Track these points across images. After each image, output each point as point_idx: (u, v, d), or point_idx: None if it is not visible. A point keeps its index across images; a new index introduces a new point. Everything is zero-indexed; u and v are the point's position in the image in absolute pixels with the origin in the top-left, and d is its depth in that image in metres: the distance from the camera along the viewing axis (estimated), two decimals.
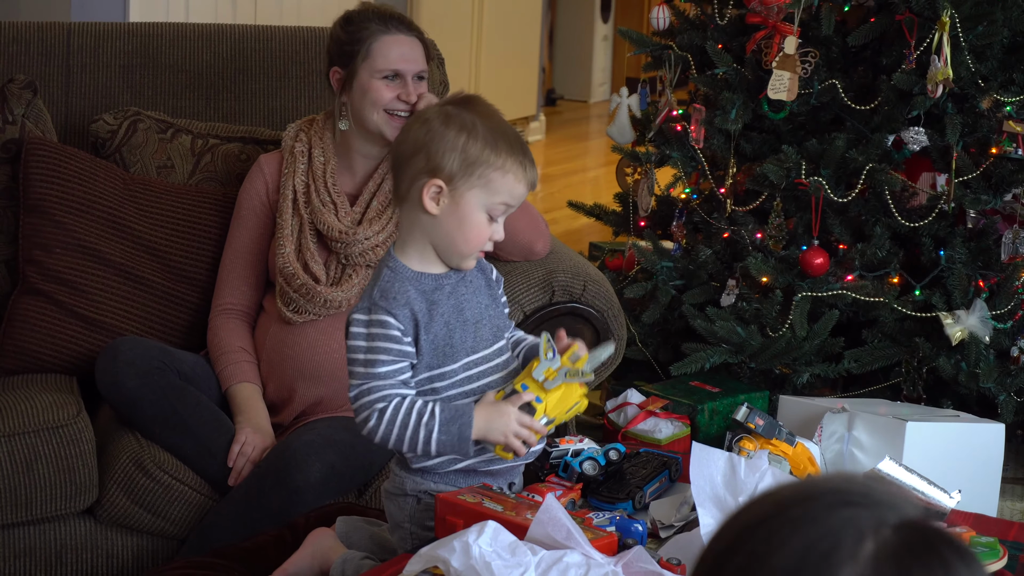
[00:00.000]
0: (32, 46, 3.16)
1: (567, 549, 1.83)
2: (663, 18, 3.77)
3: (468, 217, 2.00)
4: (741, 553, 0.90)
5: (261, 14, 5.62)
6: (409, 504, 2.08)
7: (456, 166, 1.98)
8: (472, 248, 2.03)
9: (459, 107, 2.03)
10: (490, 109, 2.06)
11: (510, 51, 7.74)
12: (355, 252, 2.73)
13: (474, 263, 2.07)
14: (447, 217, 2.00)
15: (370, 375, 1.99)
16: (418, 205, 2.00)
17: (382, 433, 1.99)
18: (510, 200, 2.02)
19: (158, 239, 2.94)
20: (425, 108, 2.09)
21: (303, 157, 2.82)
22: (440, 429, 1.98)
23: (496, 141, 1.99)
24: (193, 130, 3.10)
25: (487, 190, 2.00)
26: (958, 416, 2.86)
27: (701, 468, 1.95)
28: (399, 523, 2.11)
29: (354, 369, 2.00)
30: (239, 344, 2.79)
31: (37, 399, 2.63)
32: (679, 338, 3.58)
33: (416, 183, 2.00)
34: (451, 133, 1.99)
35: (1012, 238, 3.29)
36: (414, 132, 2.02)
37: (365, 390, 1.99)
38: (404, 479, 2.08)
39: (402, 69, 2.73)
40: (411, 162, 2.01)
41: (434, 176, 1.99)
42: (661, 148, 3.75)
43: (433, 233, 2.02)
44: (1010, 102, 3.29)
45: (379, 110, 2.73)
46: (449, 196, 1.99)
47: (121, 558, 2.64)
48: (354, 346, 2.00)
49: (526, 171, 2.02)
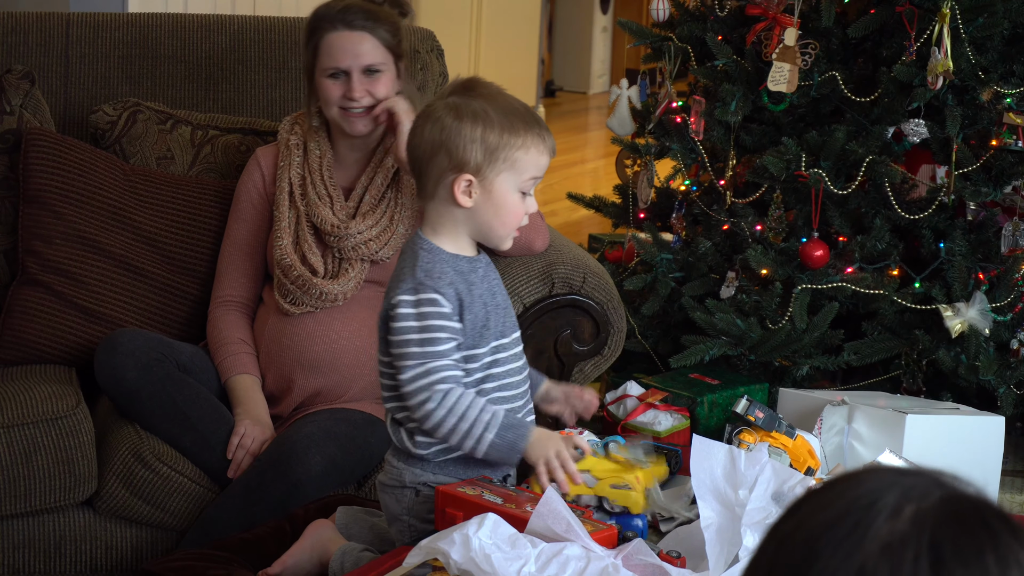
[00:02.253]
0: (31, 36, 3.15)
1: (567, 542, 1.83)
2: (663, 9, 3.76)
3: (503, 201, 2.03)
4: (791, 520, 0.91)
5: (260, 4, 5.61)
6: (407, 496, 2.08)
7: (480, 157, 2.01)
8: (511, 229, 2.07)
9: (464, 96, 2.05)
10: (493, 89, 2.08)
11: (509, 42, 7.74)
12: (348, 246, 2.73)
13: (511, 243, 2.09)
14: (482, 207, 2.03)
15: (428, 355, 1.98)
16: (449, 201, 2.03)
17: (438, 418, 1.98)
18: (537, 173, 2.06)
19: (158, 230, 2.94)
20: (432, 104, 2.08)
21: (298, 150, 2.82)
22: (497, 433, 1.98)
23: (511, 121, 2.02)
24: (193, 121, 3.10)
25: (514, 170, 2.03)
26: (958, 409, 2.86)
27: (701, 461, 1.95)
28: (397, 516, 2.10)
29: (408, 351, 1.99)
30: (238, 336, 2.79)
31: (36, 390, 2.63)
32: (679, 330, 3.58)
33: (443, 181, 2.03)
34: (466, 126, 2.01)
35: (1012, 230, 3.29)
36: (428, 132, 2.03)
37: (423, 371, 1.98)
38: (403, 471, 2.08)
39: (344, 65, 2.72)
40: (432, 162, 2.03)
41: (461, 171, 2.01)
42: (661, 140, 3.74)
43: (469, 223, 2.05)
44: (1010, 94, 3.29)
45: (333, 108, 2.74)
46: (480, 187, 2.02)
47: (120, 550, 2.64)
48: (405, 327, 1.99)
49: (545, 141, 2.05)
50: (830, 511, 0.88)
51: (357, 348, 2.72)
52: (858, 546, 0.86)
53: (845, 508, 0.88)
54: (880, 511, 0.87)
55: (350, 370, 2.72)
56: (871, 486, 0.89)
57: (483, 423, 1.98)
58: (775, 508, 1.92)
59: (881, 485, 0.89)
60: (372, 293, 2.76)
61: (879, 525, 0.86)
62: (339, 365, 2.72)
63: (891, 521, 0.86)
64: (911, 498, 0.87)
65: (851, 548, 0.86)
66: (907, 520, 0.86)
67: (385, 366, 2.07)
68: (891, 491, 0.88)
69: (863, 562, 0.85)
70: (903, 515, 0.86)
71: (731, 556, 1.87)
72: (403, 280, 2.02)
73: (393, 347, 2.02)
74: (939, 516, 0.86)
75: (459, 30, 7.31)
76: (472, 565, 1.76)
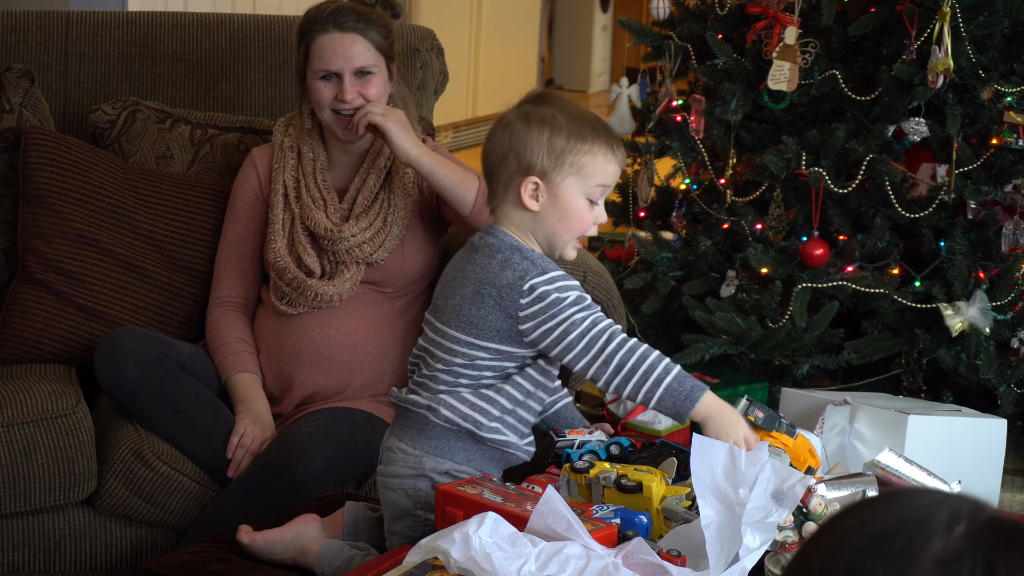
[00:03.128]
0: (30, 35, 3.15)
1: (567, 541, 1.83)
2: (663, 8, 3.76)
3: (569, 206, 2.07)
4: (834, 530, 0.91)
5: (260, 3, 5.61)
6: (423, 488, 2.10)
7: (546, 160, 2.05)
8: (576, 234, 2.11)
9: (536, 104, 2.09)
10: (565, 99, 2.12)
11: (509, 41, 7.73)
12: (342, 249, 2.73)
13: (575, 253, 2.13)
14: (548, 210, 2.07)
15: (588, 307, 2.03)
16: (517, 205, 2.08)
17: (618, 362, 2.00)
18: (605, 180, 2.09)
19: (157, 229, 2.94)
20: (504, 112, 2.12)
21: (292, 152, 2.81)
22: (674, 378, 2.01)
23: (579, 127, 2.06)
24: (192, 120, 3.10)
25: (581, 176, 2.06)
26: (960, 411, 2.86)
27: (702, 460, 1.95)
28: (407, 511, 2.11)
29: (568, 312, 2.01)
30: (238, 335, 2.79)
31: (36, 389, 2.63)
32: (679, 329, 3.58)
33: (512, 185, 2.07)
34: (534, 130, 2.05)
35: (1012, 229, 3.29)
36: (498, 138, 2.08)
37: (591, 323, 2.01)
38: (421, 458, 2.10)
39: (335, 68, 2.72)
40: (502, 167, 2.08)
41: (528, 175, 2.06)
42: (661, 138, 3.74)
43: (537, 229, 2.09)
44: (1011, 92, 3.29)
45: (325, 110, 2.74)
46: (546, 191, 2.06)
47: (120, 548, 2.64)
48: (555, 299, 2.02)
49: (614, 150, 2.09)
50: (880, 526, 0.89)
51: (355, 344, 2.72)
52: (912, 562, 0.86)
53: (897, 524, 0.89)
54: (934, 529, 0.87)
55: (349, 366, 2.72)
56: (921, 502, 0.90)
57: (664, 364, 2.01)
58: (775, 507, 1.92)
59: (930, 503, 0.89)
60: (369, 292, 2.76)
61: (934, 542, 0.87)
62: (338, 361, 2.72)
63: (945, 538, 0.87)
64: (960, 517, 0.88)
65: (904, 564, 0.86)
66: (960, 538, 0.87)
67: (464, 357, 2.08)
68: (941, 509, 0.89)
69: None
70: (955, 533, 0.87)
71: (731, 555, 1.87)
72: (519, 267, 2.04)
73: (543, 324, 2.02)
74: (991, 535, 0.87)
75: (459, 28, 7.30)
76: (472, 564, 1.76)
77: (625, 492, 2.03)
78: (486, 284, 2.06)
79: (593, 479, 2.08)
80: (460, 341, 2.08)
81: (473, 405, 2.08)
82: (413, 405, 2.12)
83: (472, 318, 2.06)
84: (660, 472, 2.09)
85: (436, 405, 2.10)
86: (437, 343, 2.11)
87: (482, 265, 2.07)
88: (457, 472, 2.10)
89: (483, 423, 2.08)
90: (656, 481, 2.04)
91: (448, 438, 2.10)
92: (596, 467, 2.10)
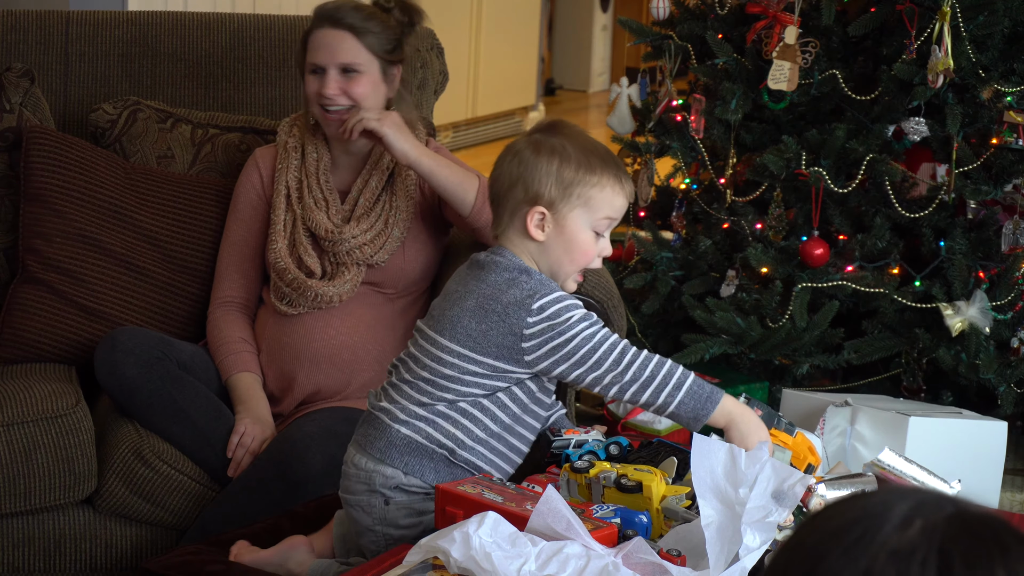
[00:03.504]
0: (30, 34, 3.15)
1: (567, 540, 1.83)
2: (663, 7, 3.76)
3: (575, 238, 2.07)
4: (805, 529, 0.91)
5: (260, 3, 5.60)
6: (376, 504, 2.07)
7: (554, 191, 2.04)
8: (580, 266, 2.10)
9: (546, 133, 2.09)
10: (576, 130, 2.12)
11: (509, 40, 7.73)
12: (342, 250, 2.73)
13: (575, 286, 2.13)
14: (554, 241, 2.06)
15: (596, 323, 2.02)
16: (523, 234, 2.07)
17: (635, 371, 2.00)
18: (612, 213, 2.09)
19: (158, 229, 2.94)
20: (515, 140, 2.12)
21: (296, 152, 2.82)
22: (692, 382, 2.01)
23: (588, 159, 2.05)
24: (193, 119, 3.10)
25: (588, 208, 2.06)
26: (960, 413, 2.86)
27: (702, 459, 1.95)
28: (368, 527, 2.09)
29: (578, 327, 2.00)
30: (239, 335, 2.79)
31: (36, 388, 2.63)
32: (679, 329, 3.58)
33: (518, 213, 2.07)
34: (543, 160, 2.05)
35: (1012, 229, 3.29)
36: (507, 166, 2.08)
37: (602, 337, 2.01)
38: (371, 474, 2.07)
39: (320, 62, 2.73)
40: (509, 195, 2.07)
41: (535, 204, 2.05)
42: (661, 138, 3.74)
43: (541, 258, 2.08)
44: (1011, 92, 3.29)
45: (313, 104, 2.75)
46: (553, 221, 2.06)
47: (120, 548, 2.64)
48: (566, 318, 2.01)
49: (622, 183, 2.09)
50: (842, 519, 0.89)
51: (355, 344, 2.72)
52: (865, 551, 0.86)
53: (856, 516, 0.88)
54: (889, 519, 0.87)
55: (349, 365, 2.72)
56: (884, 498, 0.89)
57: (680, 372, 2.02)
58: (776, 507, 1.92)
59: (894, 498, 0.89)
60: (370, 292, 2.76)
61: (888, 532, 0.86)
62: (338, 360, 2.72)
63: (901, 530, 0.86)
64: (923, 511, 0.88)
65: (858, 553, 0.86)
66: (917, 530, 0.86)
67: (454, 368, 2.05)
68: (903, 503, 0.88)
69: (869, 566, 0.85)
70: (914, 525, 0.87)
71: (731, 554, 1.87)
72: (527, 287, 2.03)
73: (551, 341, 2.00)
74: (950, 527, 0.86)
75: (459, 28, 7.30)
76: (472, 563, 1.76)
77: (625, 492, 2.03)
78: (491, 299, 2.04)
79: (593, 479, 2.08)
80: (453, 352, 2.05)
81: (455, 422, 2.06)
82: (384, 414, 2.10)
83: (471, 331, 2.04)
84: (660, 472, 2.08)
85: (409, 419, 2.07)
86: (427, 351, 2.09)
87: (488, 281, 2.06)
88: (407, 488, 2.07)
89: (463, 442, 2.06)
90: (656, 481, 2.04)
91: (420, 456, 2.07)
92: (596, 467, 2.10)
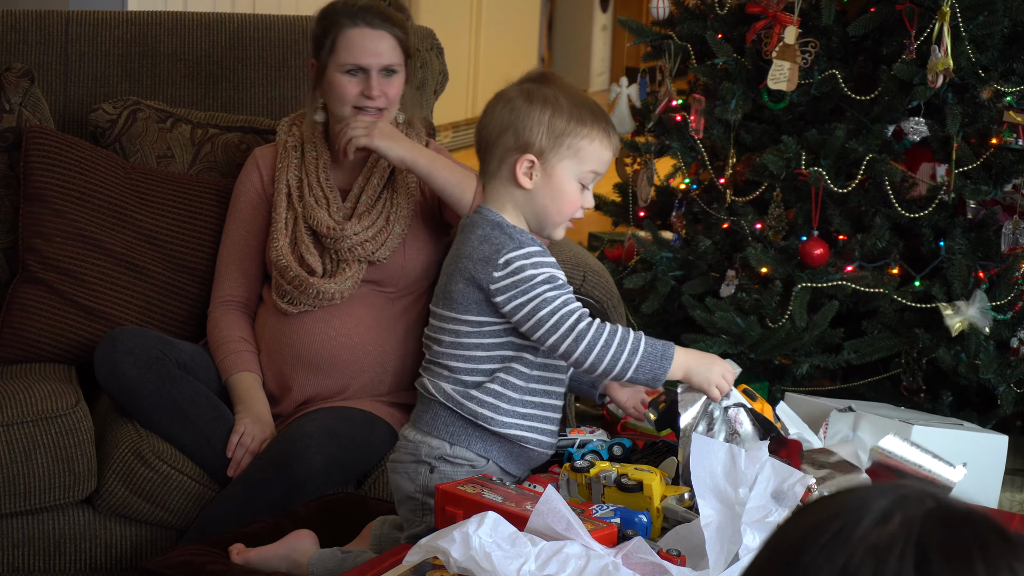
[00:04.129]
0: (30, 34, 3.15)
1: (567, 540, 1.83)
2: (663, 7, 3.76)
3: (561, 187, 2.08)
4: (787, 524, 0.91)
5: (260, 3, 5.60)
6: (422, 473, 2.11)
7: (545, 140, 2.06)
8: (565, 217, 2.11)
9: (538, 83, 2.10)
10: (567, 82, 2.14)
11: (509, 40, 7.73)
12: (344, 248, 2.73)
13: (563, 233, 2.14)
14: (541, 190, 2.08)
15: (560, 292, 2.03)
16: (510, 181, 2.08)
17: (591, 338, 2.01)
18: (598, 167, 2.10)
19: (158, 228, 2.94)
20: (506, 88, 2.12)
21: (296, 152, 2.81)
22: (645, 344, 2.03)
23: (580, 111, 2.07)
24: (193, 119, 3.10)
25: (577, 159, 2.07)
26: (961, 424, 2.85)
27: (701, 459, 1.95)
28: (409, 494, 2.13)
29: (540, 289, 2.02)
30: (239, 334, 2.79)
31: (36, 388, 2.63)
32: (679, 329, 3.58)
33: (507, 161, 2.08)
34: (536, 109, 2.06)
35: (1012, 229, 3.29)
36: (497, 113, 2.09)
37: (562, 303, 2.02)
38: (419, 444, 2.12)
39: (364, 63, 2.71)
40: (499, 141, 2.08)
41: (525, 152, 2.06)
42: (660, 138, 3.74)
43: (527, 207, 2.09)
44: (1010, 92, 3.28)
45: (346, 105, 2.73)
46: (541, 170, 2.07)
47: (120, 548, 2.64)
48: (527, 276, 2.02)
49: (610, 137, 2.11)
50: (821, 515, 0.89)
51: (355, 345, 2.72)
52: (843, 546, 0.86)
53: (835, 511, 0.88)
54: (868, 514, 0.87)
55: (349, 367, 2.72)
56: (864, 494, 0.89)
57: (633, 338, 2.03)
58: (775, 506, 1.92)
59: (873, 494, 0.89)
60: (370, 291, 2.76)
61: (866, 526, 0.86)
62: (338, 362, 2.72)
63: (879, 525, 0.86)
64: (902, 506, 0.87)
65: (836, 548, 0.86)
66: (895, 524, 0.86)
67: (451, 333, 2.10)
68: (882, 498, 0.88)
69: (847, 562, 0.85)
70: (892, 520, 0.86)
71: (731, 554, 1.87)
72: (496, 242, 2.05)
73: (515, 299, 2.03)
74: (928, 521, 0.86)
75: (459, 28, 7.30)
76: (472, 563, 1.76)
77: (625, 491, 2.04)
78: (463, 258, 2.08)
79: (593, 478, 2.08)
80: (444, 318, 2.11)
81: (480, 401, 2.10)
82: (424, 390, 2.15)
83: (452, 293, 2.09)
84: (660, 471, 2.09)
85: (443, 394, 2.12)
86: (436, 327, 2.14)
87: (463, 241, 2.10)
88: (452, 459, 2.11)
89: (493, 419, 2.10)
90: (656, 480, 2.04)
91: (464, 426, 2.12)
92: (596, 466, 2.10)
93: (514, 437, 2.12)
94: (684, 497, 2.03)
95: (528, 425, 2.13)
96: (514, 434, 2.12)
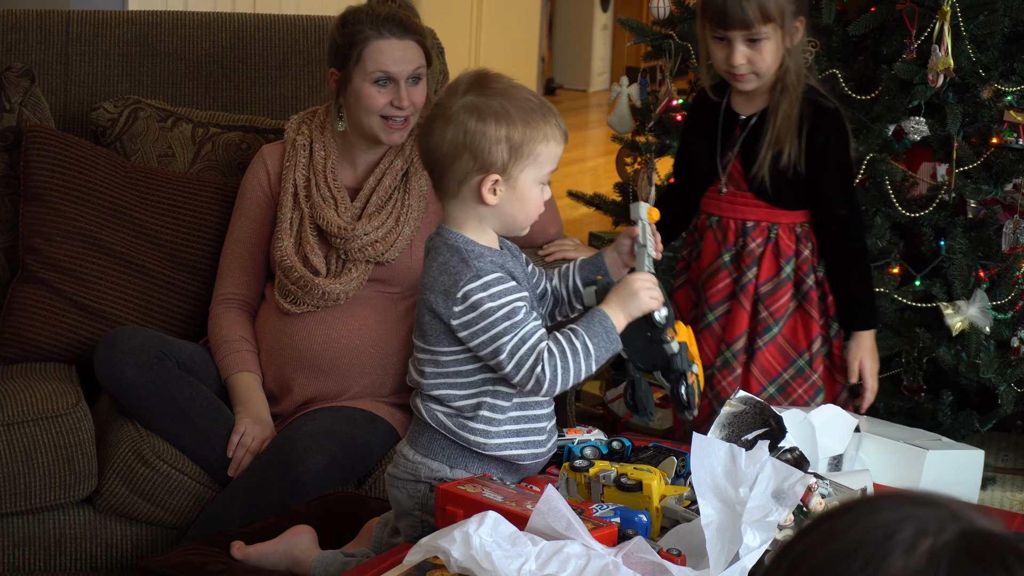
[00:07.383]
0: (31, 34, 3.15)
1: (567, 540, 1.83)
2: (663, 7, 3.75)
3: (527, 195, 2.08)
4: (801, 543, 0.89)
5: (260, 2, 5.60)
6: (421, 491, 2.10)
7: (507, 156, 2.04)
8: (532, 219, 2.12)
9: (480, 94, 2.05)
10: (505, 83, 2.10)
11: (509, 39, 7.73)
12: (354, 248, 2.72)
13: (529, 229, 2.14)
14: (507, 202, 2.07)
15: (517, 324, 2.01)
16: (474, 200, 2.06)
17: (552, 373, 2.02)
18: (554, 165, 2.11)
19: (159, 228, 2.94)
20: (446, 104, 2.06)
21: (304, 151, 2.81)
22: (592, 339, 2.03)
23: (530, 116, 2.06)
24: (193, 119, 3.10)
25: (536, 164, 2.07)
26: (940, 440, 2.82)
27: (702, 459, 1.95)
28: (408, 511, 2.12)
29: (498, 328, 2.01)
30: (239, 333, 2.79)
31: (36, 388, 2.63)
32: None
33: (468, 182, 2.05)
34: (490, 127, 2.03)
35: (1013, 228, 3.29)
36: (450, 134, 2.04)
37: (519, 341, 2.01)
38: (418, 466, 2.11)
39: (394, 72, 2.71)
40: (456, 164, 2.05)
41: (488, 172, 2.04)
42: (661, 138, 3.74)
43: (494, 219, 2.09)
44: (1011, 92, 3.28)
45: (374, 116, 2.72)
46: (505, 184, 2.05)
47: (120, 548, 2.64)
48: (486, 311, 2.01)
49: (561, 128, 2.10)
50: (844, 542, 0.86)
51: (357, 347, 2.72)
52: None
53: (859, 541, 0.86)
54: (895, 546, 0.84)
55: (350, 369, 2.72)
56: (887, 517, 0.86)
57: (582, 345, 2.03)
58: (776, 506, 1.92)
59: (897, 517, 0.86)
60: (374, 292, 2.75)
61: (893, 561, 0.84)
62: (339, 364, 2.72)
63: (906, 557, 0.84)
64: (927, 532, 0.85)
65: None
66: (922, 556, 0.84)
67: (431, 363, 2.09)
68: (907, 525, 0.86)
69: None
70: (918, 551, 0.84)
71: (731, 554, 1.87)
72: (455, 272, 2.04)
73: (476, 336, 2.02)
74: (955, 553, 0.84)
75: (459, 28, 7.30)
76: (472, 563, 1.76)
77: (625, 491, 2.04)
78: (426, 289, 2.08)
79: (592, 478, 2.08)
80: (422, 350, 2.11)
81: (473, 430, 2.09)
82: (418, 412, 2.14)
83: (423, 325, 2.09)
84: (660, 471, 2.09)
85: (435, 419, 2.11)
86: (414, 357, 2.14)
87: (426, 269, 2.10)
88: (452, 480, 2.10)
89: (487, 444, 2.10)
90: (656, 480, 2.04)
91: (460, 450, 2.11)
92: (596, 466, 2.10)
93: (510, 457, 2.12)
94: (683, 497, 2.03)
95: (522, 442, 2.12)
96: (509, 454, 2.11)
